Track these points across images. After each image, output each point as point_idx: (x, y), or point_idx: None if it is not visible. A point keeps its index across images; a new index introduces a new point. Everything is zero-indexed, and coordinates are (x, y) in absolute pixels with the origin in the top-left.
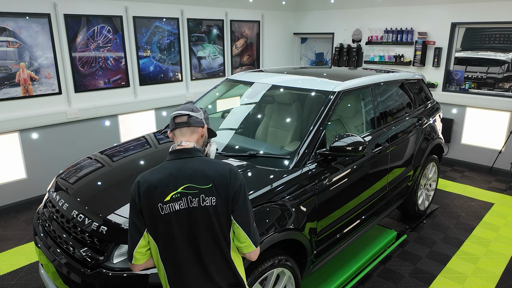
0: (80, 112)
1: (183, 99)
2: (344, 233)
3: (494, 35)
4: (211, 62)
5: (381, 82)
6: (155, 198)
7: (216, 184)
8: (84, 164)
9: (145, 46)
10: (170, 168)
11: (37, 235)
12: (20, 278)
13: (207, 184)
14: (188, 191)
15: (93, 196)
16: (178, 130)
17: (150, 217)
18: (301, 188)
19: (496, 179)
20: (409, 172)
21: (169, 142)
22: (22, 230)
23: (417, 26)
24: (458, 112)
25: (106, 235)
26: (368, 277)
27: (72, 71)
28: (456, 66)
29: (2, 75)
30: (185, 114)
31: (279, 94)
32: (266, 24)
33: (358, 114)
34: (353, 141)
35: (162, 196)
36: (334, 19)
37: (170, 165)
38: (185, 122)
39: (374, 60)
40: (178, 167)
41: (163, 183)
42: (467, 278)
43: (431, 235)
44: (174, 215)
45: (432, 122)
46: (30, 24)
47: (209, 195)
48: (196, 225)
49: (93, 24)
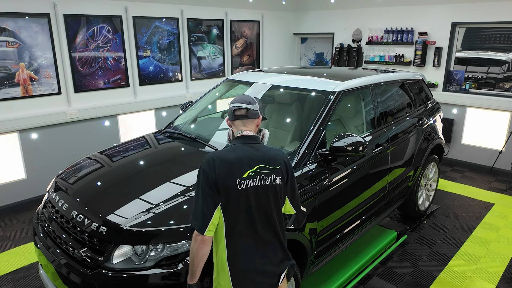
0: (79, 112)
1: (183, 99)
2: (344, 234)
3: (495, 35)
4: (211, 62)
5: (381, 82)
6: (233, 174)
7: (282, 167)
8: (84, 164)
9: (145, 46)
10: (241, 150)
11: (36, 235)
12: (19, 278)
13: (276, 166)
14: (262, 170)
15: (93, 197)
16: (238, 121)
17: (225, 191)
18: (301, 188)
19: (496, 179)
20: (409, 172)
21: (169, 142)
22: (22, 231)
23: (418, 26)
24: (459, 112)
25: (105, 236)
26: (369, 278)
27: (71, 71)
28: (457, 66)
29: (2, 75)
30: (244, 108)
31: (279, 94)
32: (266, 24)
33: (358, 114)
34: (353, 141)
35: (240, 173)
36: (334, 19)
37: (240, 148)
38: (244, 115)
39: (374, 60)
40: (249, 150)
41: (240, 161)
42: (468, 278)
43: (432, 236)
44: (251, 190)
45: (432, 122)
46: (29, 24)
47: (278, 175)
48: (268, 200)
49: (92, 24)
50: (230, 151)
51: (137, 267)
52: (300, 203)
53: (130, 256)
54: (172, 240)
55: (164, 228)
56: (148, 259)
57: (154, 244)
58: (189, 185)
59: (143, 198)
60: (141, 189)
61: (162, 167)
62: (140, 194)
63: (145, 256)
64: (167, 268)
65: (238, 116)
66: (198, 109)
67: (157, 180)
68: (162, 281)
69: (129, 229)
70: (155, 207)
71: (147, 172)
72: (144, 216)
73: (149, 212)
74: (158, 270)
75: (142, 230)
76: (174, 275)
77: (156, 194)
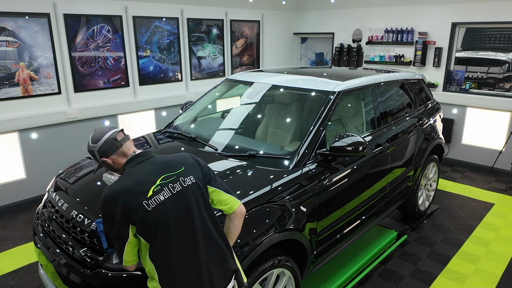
0: (79, 112)
1: (183, 99)
2: (344, 234)
3: (495, 35)
4: (211, 62)
5: (381, 82)
6: (136, 199)
7: (186, 166)
8: (84, 164)
9: (145, 46)
10: (137, 171)
11: (36, 235)
12: (19, 278)
13: (180, 168)
14: (166, 180)
15: (93, 196)
16: (124, 146)
17: (137, 219)
18: (301, 188)
19: (496, 180)
20: (409, 172)
21: (169, 142)
22: (22, 230)
23: (418, 26)
24: (459, 112)
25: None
26: (368, 278)
27: (71, 71)
28: (457, 66)
29: (2, 75)
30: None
31: (279, 94)
32: (266, 24)
33: (358, 114)
34: (353, 141)
35: (143, 195)
36: (334, 19)
37: (136, 170)
38: (126, 137)
39: (374, 60)
40: (145, 167)
41: (139, 184)
42: (468, 278)
43: (432, 236)
44: (163, 205)
45: (432, 122)
46: (29, 23)
47: (186, 175)
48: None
49: (92, 24)
50: (125, 178)
51: (136, 267)
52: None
53: None
54: None
55: None
56: None
57: None
58: None
59: None
60: None
61: None
62: None
63: None
64: None
65: (124, 139)
66: (198, 109)
67: None
68: None
69: None
70: None
71: None
72: None
73: None
74: None
75: None
76: None
77: None
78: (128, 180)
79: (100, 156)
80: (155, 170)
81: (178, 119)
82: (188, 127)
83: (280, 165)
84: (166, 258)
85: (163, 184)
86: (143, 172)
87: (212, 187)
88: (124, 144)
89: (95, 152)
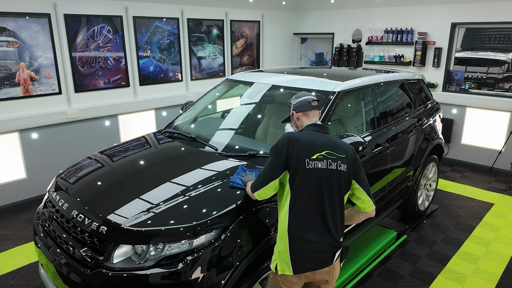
0: (80, 112)
1: (183, 99)
2: (344, 233)
3: (494, 35)
4: (211, 62)
5: (381, 82)
6: (304, 153)
7: (348, 156)
8: (84, 164)
9: (145, 46)
10: (314, 135)
11: (37, 235)
12: (20, 278)
13: (342, 154)
14: (329, 156)
15: (93, 196)
16: (312, 111)
17: (295, 167)
18: None
19: (496, 179)
20: (409, 172)
21: (169, 142)
22: (22, 230)
23: (417, 26)
24: (458, 112)
25: (106, 235)
26: (368, 277)
27: (72, 71)
28: (456, 66)
29: (2, 75)
30: (317, 100)
31: (279, 94)
32: (266, 24)
33: (358, 114)
34: (353, 141)
35: (310, 153)
36: (334, 19)
37: (313, 133)
38: (317, 106)
39: (374, 60)
40: (320, 136)
41: (311, 144)
42: (467, 278)
43: (431, 235)
44: (316, 171)
45: (432, 122)
46: (30, 24)
47: (343, 162)
48: (331, 183)
49: (93, 24)
50: (304, 134)
51: (137, 266)
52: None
53: (130, 256)
54: (172, 239)
55: (164, 227)
56: (148, 258)
57: (154, 244)
58: (189, 185)
59: (143, 197)
60: (141, 189)
61: (162, 167)
62: (140, 193)
63: (145, 256)
64: (167, 267)
65: (315, 107)
66: (198, 109)
67: (157, 180)
68: (162, 281)
69: (129, 229)
70: (155, 207)
71: (147, 172)
72: (144, 215)
73: (149, 211)
74: (158, 270)
75: (142, 230)
76: (174, 274)
77: (156, 194)
78: (304, 137)
79: (293, 109)
80: (325, 143)
81: (178, 119)
82: (188, 127)
83: None
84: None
85: (325, 157)
86: (317, 139)
87: (357, 185)
88: (313, 111)
89: (291, 105)
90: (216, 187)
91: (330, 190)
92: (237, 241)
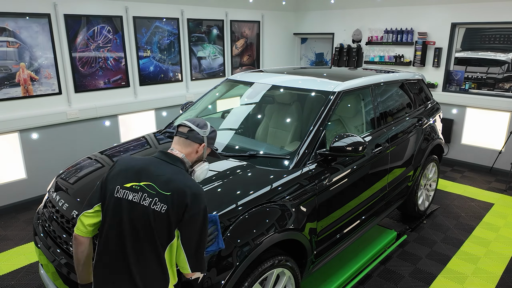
0: (80, 112)
1: (183, 99)
2: (344, 233)
3: (494, 35)
4: (211, 62)
5: (381, 82)
6: (118, 179)
7: (175, 197)
8: (84, 164)
9: (145, 46)
10: (148, 162)
11: (37, 235)
12: (20, 278)
13: (167, 192)
14: (147, 189)
15: None
16: (176, 137)
17: (107, 194)
18: (301, 188)
19: (496, 179)
20: (409, 172)
21: (169, 142)
22: (22, 230)
23: (417, 26)
24: (458, 112)
25: None
26: (368, 277)
27: (72, 71)
28: (456, 66)
29: (2, 75)
30: (188, 127)
31: (279, 94)
32: (266, 24)
33: (358, 114)
34: (353, 141)
35: (124, 181)
36: (334, 19)
37: (150, 160)
38: (184, 134)
39: (374, 60)
40: (154, 166)
41: (133, 170)
42: (467, 278)
43: (431, 236)
44: (123, 202)
45: (432, 122)
46: (30, 24)
47: (163, 202)
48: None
49: (93, 24)
50: (137, 159)
51: None
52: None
53: None
54: None
55: None
56: None
57: None
58: None
59: None
60: None
61: None
62: None
63: None
64: None
65: (179, 133)
66: (198, 109)
67: None
68: None
69: None
70: None
71: None
72: None
73: None
74: None
75: None
76: None
77: None
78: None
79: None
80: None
81: (179, 119)
82: None
83: (280, 165)
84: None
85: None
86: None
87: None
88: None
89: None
90: (216, 187)
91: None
92: (237, 241)
